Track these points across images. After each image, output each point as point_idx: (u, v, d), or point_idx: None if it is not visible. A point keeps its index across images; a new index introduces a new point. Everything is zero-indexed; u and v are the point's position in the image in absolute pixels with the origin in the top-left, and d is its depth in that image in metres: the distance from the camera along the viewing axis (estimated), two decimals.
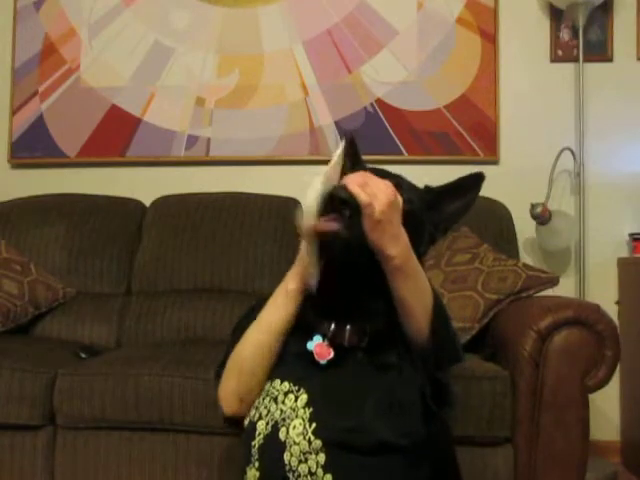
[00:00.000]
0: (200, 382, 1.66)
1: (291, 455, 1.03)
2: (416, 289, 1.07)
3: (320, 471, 1.01)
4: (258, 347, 1.12)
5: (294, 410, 1.05)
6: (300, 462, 1.03)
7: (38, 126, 2.75)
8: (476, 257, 2.04)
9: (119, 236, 2.43)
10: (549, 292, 1.93)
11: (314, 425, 1.03)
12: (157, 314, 2.25)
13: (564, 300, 1.74)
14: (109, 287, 2.38)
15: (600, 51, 2.62)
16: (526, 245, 2.59)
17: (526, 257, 2.56)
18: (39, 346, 2.05)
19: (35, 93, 2.76)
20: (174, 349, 1.95)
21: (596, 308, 1.62)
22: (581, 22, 2.46)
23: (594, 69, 2.60)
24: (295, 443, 1.03)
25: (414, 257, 1.07)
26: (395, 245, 1.02)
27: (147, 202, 2.55)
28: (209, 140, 2.70)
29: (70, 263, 2.37)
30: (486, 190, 2.52)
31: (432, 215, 1.18)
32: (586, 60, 2.53)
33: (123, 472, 1.70)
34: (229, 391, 1.15)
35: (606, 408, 2.46)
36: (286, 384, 1.08)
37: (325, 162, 1.05)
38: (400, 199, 1.03)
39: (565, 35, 2.63)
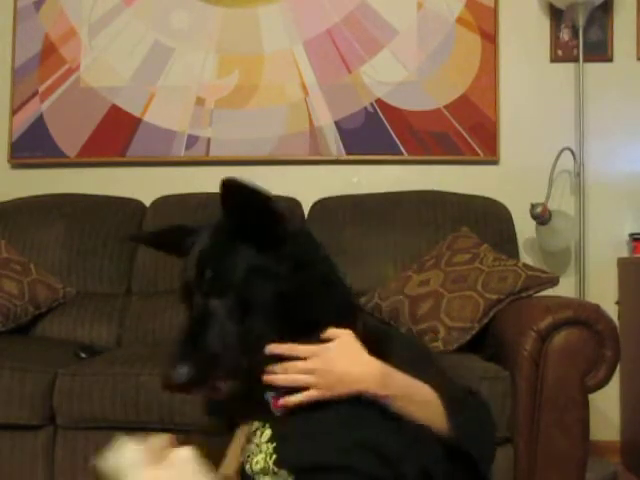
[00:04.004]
0: None
1: None
2: (419, 410, 1.03)
3: None
4: None
5: (258, 446, 1.03)
6: None
7: (38, 126, 2.75)
8: (476, 257, 2.04)
9: (119, 236, 2.43)
10: (549, 292, 1.93)
11: (274, 457, 1.00)
12: (157, 314, 2.25)
13: (564, 300, 1.74)
14: (109, 287, 2.38)
15: (600, 51, 2.62)
16: (526, 245, 2.59)
17: (526, 257, 2.56)
18: (39, 346, 2.05)
19: (35, 93, 2.76)
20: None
21: (596, 308, 1.61)
22: (581, 22, 2.46)
23: (594, 69, 2.59)
24: (264, 474, 1.01)
25: (391, 378, 1.02)
26: (354, 383, 1.00)
27: (147, 202, 2.55)
28: (209, 140, 2.70)
29: (70, 263, 2.37)
30: (486, 190, 2.55)
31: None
32: (586, 60, 2.52)
33: None
34: None
35: (606, 408, 2.46)
36: (255, 422, 1.06)
37: (325, 162, 1.04)
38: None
39: (565, 35, 2.63)
